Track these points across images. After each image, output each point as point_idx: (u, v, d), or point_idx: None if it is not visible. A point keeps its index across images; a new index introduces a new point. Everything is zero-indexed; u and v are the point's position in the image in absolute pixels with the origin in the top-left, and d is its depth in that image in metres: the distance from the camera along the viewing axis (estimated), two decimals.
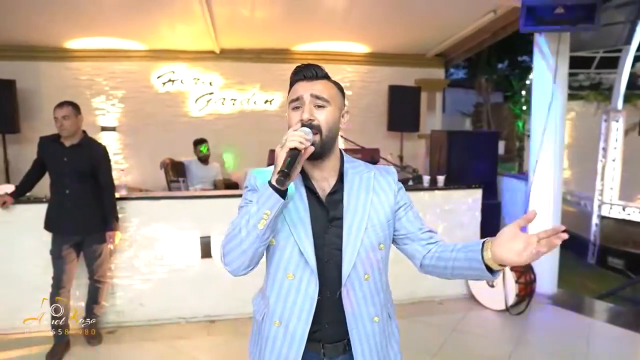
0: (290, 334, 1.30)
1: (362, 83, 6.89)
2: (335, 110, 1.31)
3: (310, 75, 1.32)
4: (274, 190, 1.15)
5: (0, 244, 3.66)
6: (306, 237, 1.27)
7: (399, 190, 1.41)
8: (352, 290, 1.30)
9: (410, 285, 4.29)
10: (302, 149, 1.16)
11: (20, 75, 5.72)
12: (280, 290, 1.31)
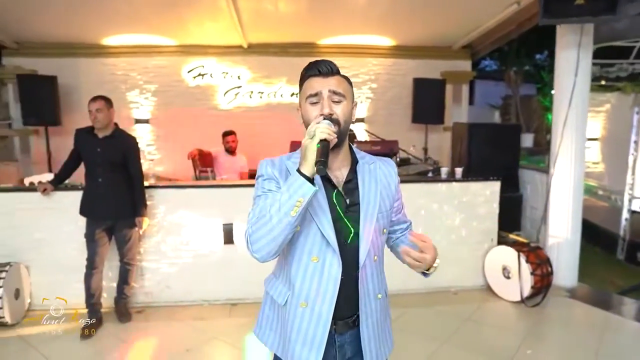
0: (317, 314, 1.39)
1: (387, 76, 6.94)
2: (349, 103, 1.40)
3: (326, 71, 1.39)
4: (306, 179, 1.24)
5: (41, 228, 3.97)
6: (327, 222, 1.35)
7: (398, 184, 1.55)
8: (365, 270, 1.41)
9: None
10: (330, 140, 1.27)
11: (61, 72, 6.07)
12: (305, 273, 1.39)
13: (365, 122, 6.95)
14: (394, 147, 4.59)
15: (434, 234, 4.35)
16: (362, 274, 1.41)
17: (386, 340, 1.56)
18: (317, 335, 1.39)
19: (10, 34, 6.01)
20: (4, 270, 3.63)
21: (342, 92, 1.37)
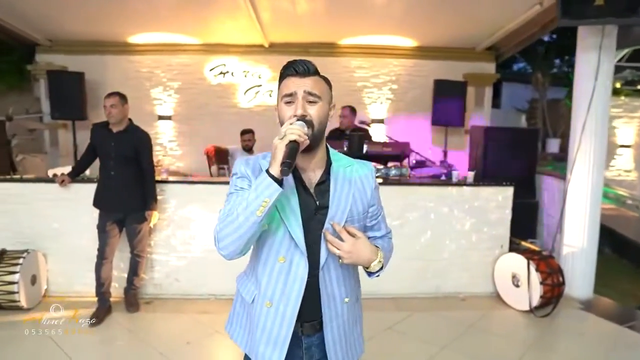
0: (281, 314, 1.39)
1: (408, 77, 6.87)
2: (325, 105, 1.38)
3: (302, 70, 1.38)
4: (272, 180, 1.24)
5: (59, 218, 4.13)
6: (296, 223, 1.35)
7: (375, 188, 1.51)
8: (328, 272, 1.41)
9: (435, 279, 4.32)
10: (301, 142, 1.26)
11: (89, 68, 6.29)
12: (271, 273, 1.40)
13: (384, 123, 6.92)
14: (405, 149, 4.54)
15: (444, 238, 4.30)
16: (325, 276, 1.40)
17: (354, 345, 1.54)
18: (280, 335, 1.40)
19: (44, 31, 6.28)
20: (21, 257, 3.80)
21: (318, 93, 1.36)
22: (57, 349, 3.23)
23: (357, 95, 6.85)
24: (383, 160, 4.73)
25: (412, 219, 4.28)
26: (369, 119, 6.80)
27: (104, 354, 3.26)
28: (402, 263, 4.28)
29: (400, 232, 4.26)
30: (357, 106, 6.51)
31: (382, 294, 4.23)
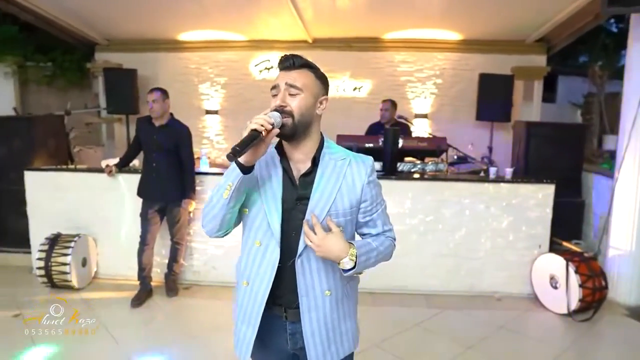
0: (254, 293, 1.46)
1: (453, 71, 6.72)
2: (309, 97, 1.42)
3: (287, 65, 1.44)
4: (237, 166, 1.34)
5: (107, 207, 4.42)
6: (275, 210, 1.41)
7: (368, 184, 1.47)
8: (308, 262, 1.44)
9: (469, 278, 4.24)
10: (262, 130, 1.29)
11: (142, 65, 6.65)
12: (249, 255, 1.48)
13: (428, 118, 6.81)
14: (441, 144, 4.47)
15: (479, 236, 4.21)
16: (304, 266, 1.44)
17: (340, 341, 1.52)
18: (253, 313, 1.47)
19: (101, 31, 6.69)
20: (73, 241, 4.11)
21: (299, 85, 1.40)
22: (101, 326, 3.47)
23: (401, 90, 6.79)
24: (419, 155, 4.68)
25: (447, 216, 4.22)
26: (412, 114, 6.74)
27: (141, 334, 3.47)
28: (434, 260, 4.24)
29: (434, 229, 4.22)
30: (400, 101, 6.49)
31: (412, 290, 4.21)
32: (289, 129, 1.39)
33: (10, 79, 7.05)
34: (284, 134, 1.40)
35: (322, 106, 1.48)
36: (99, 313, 3.70)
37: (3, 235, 4.87)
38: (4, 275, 4.49)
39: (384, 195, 1.58)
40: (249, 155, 1.32)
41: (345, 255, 1.36)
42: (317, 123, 1.48)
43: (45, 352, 3.09)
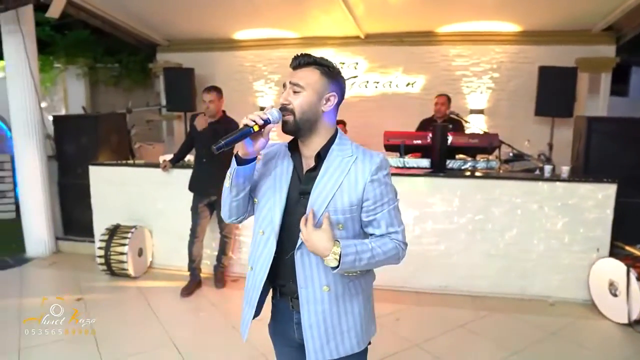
0: (254, 279, 1.54)
1: (511, 64, 6.42)
2: (312, 95, 1.43)
3: (294, 64, 1.49)
4: (235, 158, 1.46)
5: (163, 200, 4.65)
6: (279, 203, 1.48)
7: (371, 182, 1.44)
8: (307, 256, 1.45)
9: (521, 280, 4.06)
10: (254, 125, 1.38)
11: (198, 64, 6.91)
12: (254, 242, 1.56)
13: (484, 113, 6.57)
14: (493, 140, 4.29)
15: (531, 237, 4.02)
16: (303, 259, 1.46)
17: (341, 340, 1.50)
18: (253, 296, 1.55)
19: (162, 33, 7.03)
20: (130, 232, 4.36)
21: (302, 84, 1.43)
22: (151, 312, 3.68)
23: (456, 85, 6.59)
24: (470, 152, 4.53)
25: (497, 215, 4.06)
26: (468, 109, 6.53)
27: (187, 322, 3.63)
28: (483, 260, 4.10)
29: (484, 228, 4.09)
30: (455, 96, 6.32)
31: (459, 291, 4.10)
32: (290, 126, 1.45)
33: (81, 79, 7.60)
34: (287, 131, 1.47)
35: (330, 103, 1.48)
36: (152, 300, 3.93)
37: (71, 225, 5.27)
38: (71, 262, 4.86)
39: (432, 195, 1.58)
40: (245, 148, 1.43)
41: (327, 254, 1.37)
42: (326, 120, 1.49)
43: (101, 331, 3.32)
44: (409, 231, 4.18)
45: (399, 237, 1.50)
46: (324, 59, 1.49)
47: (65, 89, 7.61)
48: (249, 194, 1.58)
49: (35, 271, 4.66)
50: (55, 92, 7.60)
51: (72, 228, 5.27)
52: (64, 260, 4.95)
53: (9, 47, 4.75)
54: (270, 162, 1.57)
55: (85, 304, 3.82)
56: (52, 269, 4.71)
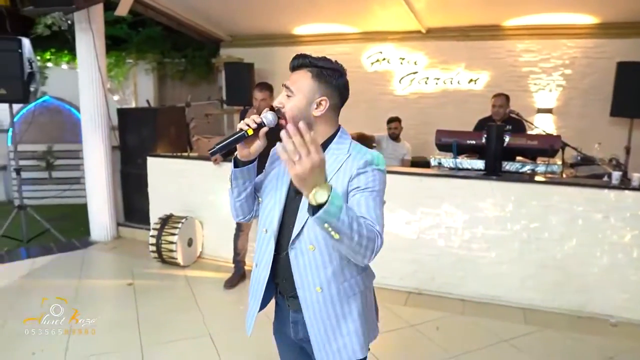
0: (258, 276, 1.56)
1: (585, 60, 5.93)
2: (301, 100, 1.41)
3: (290, 66, 1.48)
4: (233, 160, 1.52)
5: (214, 192, 4.76)
6: (278, 202, 1.50)
7: (357, 175, 1.37)
8: (301, 255, 1.44)
9: (578, 296, 3.74)
10: (247, 129, 1.41)
11: (259, 59, 7.01)
12: (258, 240, 1.58)
13: (553, 113, 6.13)
14: (555, 142, 3.96)
15: (594, 249, 3.69)
16: (297, 257, 1.45)
17: (343, 343, 1.46)
18: (257, 291, 1.57)
19: (226, 29, 7.22)
20: (180, 222, 4.52)
21: (292, 88, 1.42)
22: (193, 301, 3.80)
23: (522, 82, 6.21)
24: (529, 154, 4.23)
25: (555, 223, 3.77)
26: (535, 108, 6.13)
27: (227, 314, 3.69)
28: (537, 271, 3.82)
29: (539, 237, 3.81)
30: (521, 94, 5.98)
31: (509, 302, 3.86)
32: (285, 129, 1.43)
33: (150, 74, 8.00)
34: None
35: (321, 107, 1.43)
36: (196, 289, 4.05)
37: (131, 212, 5.57)
38: (129, 248, 5.14)
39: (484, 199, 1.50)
40: (242, 151, 1.47)
41: (320, 182, 1.12)
42: (321, 123, 1.46)
43: (145, 316, 3.48)
44: (458, 235, 4.06)
45: (376, 228, 1.30)
46: (322, 59, 1.45)
47: (136, 83, 8.06)
48: (254, 193, 1.61)
49: (97, 255, 4.98)
50: (127, 86, 8.07)
51: (132, 215, 5.56)
52: (123, 245, 5.25)
53: (80, 44, 5.07)
54: (276, 162, 1.59)
55: (134, 289, 4.02)
56: (112, 253, 5.01)
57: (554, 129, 6.02)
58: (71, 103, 7.13)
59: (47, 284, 4.07)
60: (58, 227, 5.36)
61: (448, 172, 4.16)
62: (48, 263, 4.63)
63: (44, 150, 7.15)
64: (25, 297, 3.80)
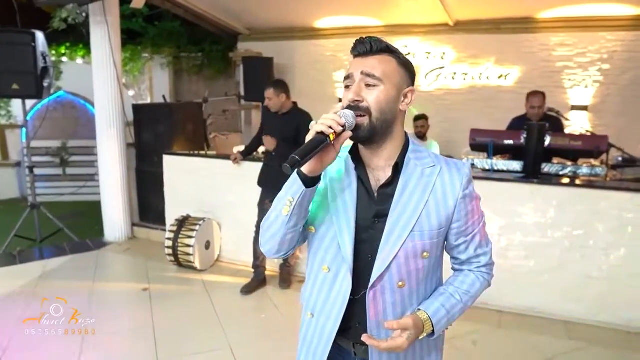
0: (321, 327, 1.26)
1: (626, 54, 5.58)
2: (391, 89, 1.14)
3: (363, 50, 1.17)
4: (299, 177, 1.12)
5: (233, 193, 4.54)
6: (347, 230, 1.18)
7: (463, 198, 1.19)
8: (382, 294, 1.18)
9: (627, 310, 3.44)
10: (330, 133, 1.06)
11: (278, 53, 6.78)
12: (315, 282, 1.27)
13: (588, 110, 5.80)
14: (601, 143, 3.67)
15: None
16: (376, 299, 1.18)
17: None
18: (318, 349, 1.27)
19: (244, 22, 7.00)
20: (198, 224, 4.31)
21: (378, 74, 1.12)
22: (212, 309, 3.59)
23: (556, 78, 5.88)
24: (571, 156, 3.93)
25: (601, 231, 3.47)
26: (569, 105, 5.80)
27: (248, 324, 3.49)
28: (581, 282, 3.53)
29: (584, 245, 3.52)
30: (555, 90, 5.68)
31: (549, 314, 3.58)
32: (365, 131, 1.13)
33: (165, 69, 7.81)
34: (359, 137, 1.14)
35: (407, 100, 1.19)
36: (213, 294, 3.85)
37: (147, 212, 5.39)
38: (144, 249, 4.95)
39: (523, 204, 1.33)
40: (313, 164, 1.10)
41: (420, 334, 1.18)
42: (401, 121, 1.20)
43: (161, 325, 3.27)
44: (494, 241, 3.74)
45: (486, 260, 1.29)
46: (395, 47, 1.19)
47: (151, 78, 7.88)
48: None
49: (110, 256, 4.80)
50: (142, 81, 7.89)
51: (148, 215, 5.38)
52: (137, 246, 5.07)
53: (95, 37, 4.88)
54: (327, 177, 1.25)
55: (150, 295, 3.83)
56: (126, 255, 4.83)
57: (589, 127, 5.69)
58: (86, 98, 6.99)
59: (59, 289, 3.89)
60: (72, 225, 5.22)
61: (483, 174, 3.88)
62: (61, 265, 4.47)
63: (58, 146, 7.03)
64: (37, 302, 3.63)
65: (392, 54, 1.17)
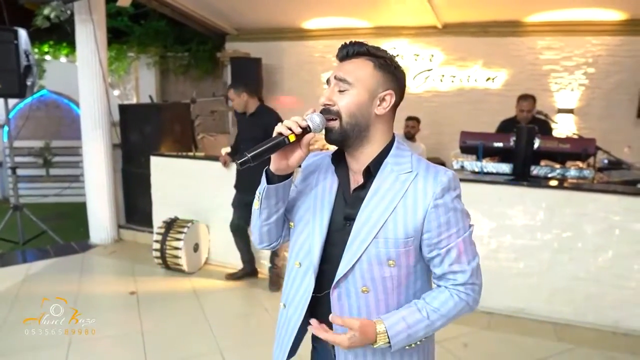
0: (288, 318, 1.28)
1: (610, 58, 5.68)
2: (363, 93, 1.13)
3: (341, 55, 1.19)
4: (265, 173, 1.19)
5: (221, 194, 4.37)
6: (319, 229, 1.20)
7: (435, 208, 1.12)
8: (347, 297, 1.17)
9: (614, 311, 3.48)
10: (289, 134, 1.10)
11: (267, 54, 6.77)
12: (289, 274, 1.30)
13: (574, 113, 5.88)
14: (588, 146, 3.71)
15: (631, 262, 3.43)
16: (341, 300, 1.18)
17: None
18: (285, 337, 1.30)
19: (232, 22, 6.95)
20: (186, 226, 4.25)
21: (350, 79, 1.13)
22: (201, 312, 3.54)
23: (542, 81, 5.96)
24: (560, 158, 3.97)
25: (590, 233, 3.51)
26: (555, 108, 5.87)
27: (237, 329, 3.43)
28: (569, 283, 3.57)
29: (572, 247, 3.55)
30: (542, 93, 5.73)
31: (538, 315, 3.61)
32: (337, 134, 1.15)
33: (152, 69, 7.71)
34: (332, 140, 1.17)
35: (385, 104, 1.15)
36: (202, 298, 3.80)
37: (133, 214, 5.31)
38: (130, 252, 4.87)
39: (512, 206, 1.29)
40: (277, 162, 1.16)
41: (373, 340, 1.13)
42: (380, 125, 1.17)
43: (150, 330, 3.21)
44: (483, 244, 3.80)
45: (465, 277, 1.15)
46: (379, 49, 1.18)
47: (137, 78, 7.77)
48: (285, 215, 1.30)
49: (96, 259, 4.70)
50: (128, 80, 7.78)
51: (134, 217, 5.30)
52: (124, 249, 4.98)
53: (80, 35, 4.79)
54: (311, 177, 1.28)
55: (137, 299, 3.75)
56: (112, 258, 4.73)
57: (575, 130, 5.77)
58: (70, 97, 6.85)
59: (43, 292, 3.78)
60: (56, 227, 5.11)
61: (472, 176, 3.90)
62: (44, 268, 4.36)
63: (41, 146, 6.88)
64: (19, 307, 3.54)
65: (371, 58, 1.16)
